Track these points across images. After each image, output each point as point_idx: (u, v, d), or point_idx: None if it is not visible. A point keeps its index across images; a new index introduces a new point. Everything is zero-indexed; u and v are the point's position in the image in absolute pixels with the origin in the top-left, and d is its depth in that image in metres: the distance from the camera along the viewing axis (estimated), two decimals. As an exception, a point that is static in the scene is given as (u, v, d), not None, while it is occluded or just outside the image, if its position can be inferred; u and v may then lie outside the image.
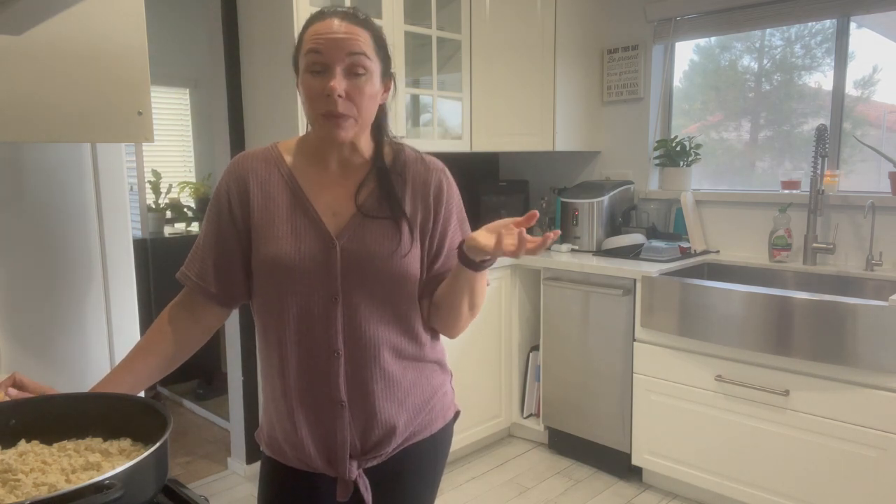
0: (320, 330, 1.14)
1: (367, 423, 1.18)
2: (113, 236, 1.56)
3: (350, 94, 1.08)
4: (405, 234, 1.16)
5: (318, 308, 1.14)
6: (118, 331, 1.58)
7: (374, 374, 1.17)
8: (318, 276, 1.13)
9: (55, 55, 1.17)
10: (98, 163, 1.52)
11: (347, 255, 1.14)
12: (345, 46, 1.07)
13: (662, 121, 3.33)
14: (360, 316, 1.15)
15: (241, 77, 2.66)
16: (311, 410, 1.17)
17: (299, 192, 1.17)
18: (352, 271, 1.14)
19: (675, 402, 2.59)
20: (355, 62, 1.08)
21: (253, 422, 2.90)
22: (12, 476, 0.84)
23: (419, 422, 1.24)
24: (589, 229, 3.16)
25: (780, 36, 3.01)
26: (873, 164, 2.78)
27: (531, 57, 3.09)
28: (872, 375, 2.12)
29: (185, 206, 4.12)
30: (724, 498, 2.53)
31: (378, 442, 1.19)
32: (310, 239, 1.14)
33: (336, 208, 1.17)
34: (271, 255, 1.14)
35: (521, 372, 3.21)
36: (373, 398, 1.17)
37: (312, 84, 1.09)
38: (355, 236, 1.15)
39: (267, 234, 1.15)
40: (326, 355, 1.15)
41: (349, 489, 1.20)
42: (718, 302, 2.40)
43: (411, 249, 1.17)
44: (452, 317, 1.20)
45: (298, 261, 1.13)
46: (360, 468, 1.20)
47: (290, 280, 1.13)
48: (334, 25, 1.08)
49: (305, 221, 1.15)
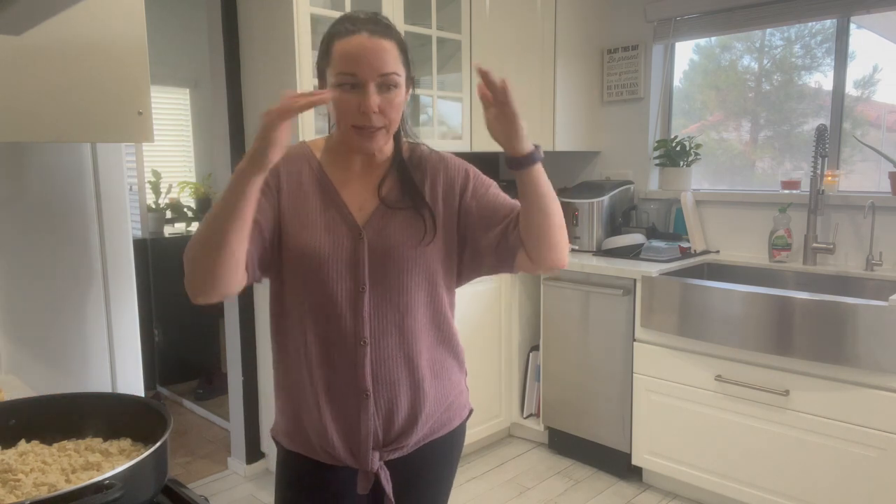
0: (348, 319, 1.17)
1: (390, 414, 1.20)
2: (113, 236, 1.56)
3: (383, 108, 1.13)
4: (428, 222, 1.20)
5: (345, 298, 1.17)
6: (118, 331, 1.58)
7: (400, 363, 1.20)
8: (346, 267, 1.17)
9: (55, 55, 1.18)
10: (98, 163, 1.53)
11: (374, 246, 1.18)
12: (377, 67, 1.11)
13: (662, 121, 3.33)
14: (385, 305, 1.18)
15: (241, 77, 2.66)
16: (336, 400, 1.19)
17: (329, 186, 1.21)
18: (378, 261, 1.17)
19: (675, 402, 2.59)
20: (387, 80, 1.12)
21: (253, 422, 2.90)
22: (12, 476, 0.84)
23: (438, 417, 1.27)
24: (589, 229, 3.16)
25: (780, 36, 3.01)
26: (873, 164, 2.78)
27: (531, 57, 3.09)
28: (872, 375, 2.12)
29: (185, 206, 4.13)
30: (724, 498, 2.53)
31: (400, 433, 1.22)
32: (340, 231, 1.18)
33: (361, 202, 1.21)
34: (303, 245, 1.16)
35: (521, 372, 3.21)
36: (396, 388, 1.20)
37: (346, 98, 1.12)
38: (380, 227, 1.19)
39: (301, 223, 1.17)
40: (353, 344, 1.17)
41: (370, 481, 1.22)
42: (718, 302, 2.40)
43: (434, 238, 1.21)
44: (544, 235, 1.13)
45: (331, 251, 1.16)
46: (381, 460, 1.22)
47: (320, 270, 1.16)
48: (364, 42, 1.10)
49: (335, 213, 1.19)
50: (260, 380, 2.88)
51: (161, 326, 3.89)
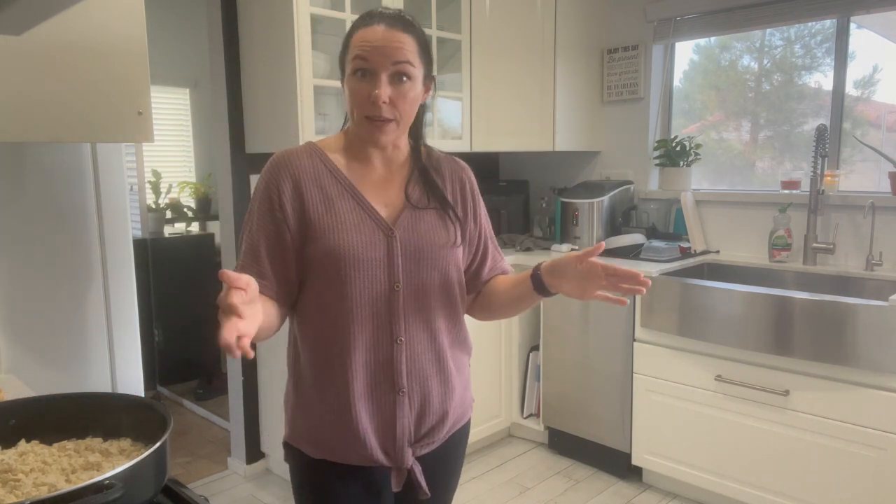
0: (384, 319, 1.17)
1: (423, 410, 1.22)
2: (113, 236, 1.56)
3: (394, 100, 1.13)
4: (455, 224, 1.25)
5: (381, 297, 1.17)
6: (118, 331, 1.58)
7: (431, 360, 1.22)
8: (380, 266, 1.17)
9: (55, 55, 1.18)
10: (98, 163, 1.52)
11: (406, 245, 1.19)
12: (390, 55, 1.11)
13: (662, 121, 3.33)
14: (419, 303, 1.20)
15: (241, 77, 2.66)
16: (373, 400, 1.19)
17: (350, 185, 1.20)
18: (410, 260, 1.19)
19: (675, 402, 2.59)
20: (400, 70, 1.12)
21: (253, 422, 2.90)
22: (12, 476, 0.84)
23: (461, 410, 1.30)
24: (589, 229, 3.16)
25: (780, 36, 3.01)
26: (873, 164, 2.78)
27: (531, 57, 3.09)
28: (872, 375, 2.12)
29: (185, 206, 4.13)
30: (724, 498, 2.53)
31: (432, 428, 1.24)
32: (369, 230, 1.17)
33: (386, 200, 1.21)
34: (334, 247, 1.14)
35: (521, 372, 3.20)
36: (429, 385, 1.21)
37: (358, 87, 1.13)
38: (410, 226, 1.20)
39: (327, 226, 1.16)
40: (389, 343, 1.18)
41: (403, 478, 1.23)
42: (718, 302, 2.40)
43: (459, 239, 1.26)
44: (501, 315, 1.36)
45: (362, 251, 1.16)
46: (414, 456, 1.23)
47: (354, 271, 1.15)
48: (380, 32, 1.12)
49: (361, 213, 1.18)
50: (260, 380, 2.88)
51: (161, 326, 3.89)
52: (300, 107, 2.35)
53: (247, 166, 2.73)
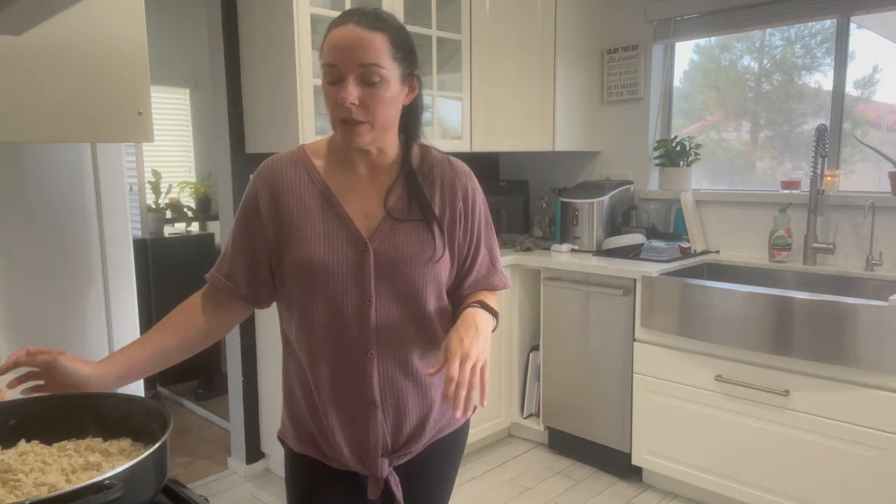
0: (354, 331, 1.15)
1: (399, 422, 1.20)
2: (113, 236, 1.56)
3: (364, 101, 1.08)
4: (437, 237, 1.18)
5: (352, 310, 1.15)
6: (118, 331, 1.58)
7: (407, 373, 1.19)
8: (351, 279, 1.14)
9: (55, 55, 1.17)
10: (98, 163, 1.52)
11: (380, 258, 1.15)
12: (356, 57, 1.07)
13: (662, 121, 3.33)
14: (392, 317, 1.17)
15: (241, 77, 2.66)
16: (344, 411, 1.18)
17: (330, 195, 1.17)
18: (384, 274, 1.15)
19: (675, 402, 2.59)
20: (367, 72, 1.08)
21: (253, 422, 2.90)
22: (12, 476, 0.84)
23: (445, 419, 1.27)
24: (589, 229, 3.16)
25: (780, 36, 3.01)
26: (873, 164, 2.78)
27: (531, 57, 3.09)
28: (872, 375, 2.12)
29: (185, 206, 4.12)
30: (724, 498, 2.53)
31: (408, 439, 1.22)
32: (342, 242, 1.15)
33: (367, 211, 1.18)
34: (305, 258, 1.14)
35: (521, 372, 3.20)
36: (404, 398, 1.19)
37: (330, 92, 1.10)
38: (387, 239, 1.16)
39: (300, 236, 1.15)
40: (359, 356, 1.16)
41: (380, 486, 1.22)
42: (718, 302, 2.40)
43: (444, 253, 1.19)
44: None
45: (332, 263, 1.14)
46: (390, 466, 1.22)
47: (324, 282, 1.14)
48: (348, 32, 1.07)
49: (338, 224, 1.16)
50: (260, 380, 2.88)
51: (161, 326, 3.88)
52: (300, 107, 2.35)
53: (247, 166, 2.73)
